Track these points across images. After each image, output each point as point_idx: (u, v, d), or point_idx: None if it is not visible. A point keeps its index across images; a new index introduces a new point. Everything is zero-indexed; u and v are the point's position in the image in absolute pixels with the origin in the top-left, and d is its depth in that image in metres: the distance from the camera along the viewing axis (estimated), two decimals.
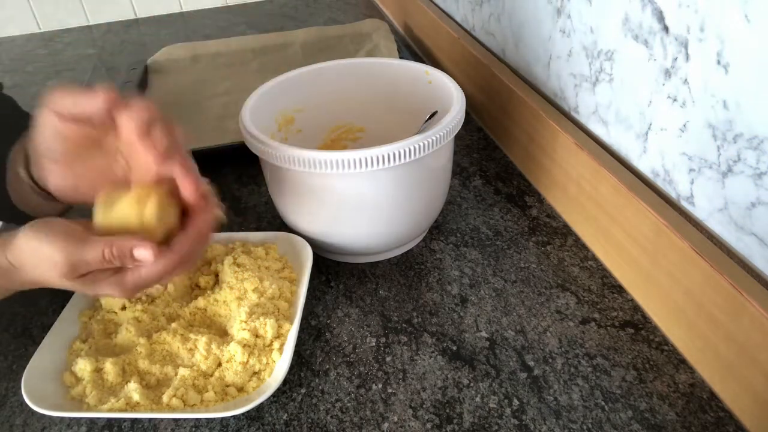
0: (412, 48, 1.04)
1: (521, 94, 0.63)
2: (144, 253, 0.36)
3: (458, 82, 0.54)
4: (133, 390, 0.40)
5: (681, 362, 0.44)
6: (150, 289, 0.48)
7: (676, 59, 0.42)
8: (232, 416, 0.42)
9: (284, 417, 0.42)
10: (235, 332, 0.44)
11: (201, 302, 0.48)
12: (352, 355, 0.46)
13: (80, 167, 0.39)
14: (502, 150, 0.71)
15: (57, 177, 0.39)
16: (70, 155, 0.39)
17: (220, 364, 0.43)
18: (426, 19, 0.95)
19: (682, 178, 0.44)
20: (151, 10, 1.30)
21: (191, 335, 0.44)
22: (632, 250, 0.48)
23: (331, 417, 0.42)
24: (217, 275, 0.51)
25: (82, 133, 0.37)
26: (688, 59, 0.41)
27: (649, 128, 0.47)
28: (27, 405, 0.40)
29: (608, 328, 0.47)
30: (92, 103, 0.35)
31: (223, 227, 0.60)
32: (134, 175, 0.39)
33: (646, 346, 0.45)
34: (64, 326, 0.46)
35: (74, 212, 0.47)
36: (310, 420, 0.41)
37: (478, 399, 0.42)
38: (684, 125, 0.43)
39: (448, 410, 0.41)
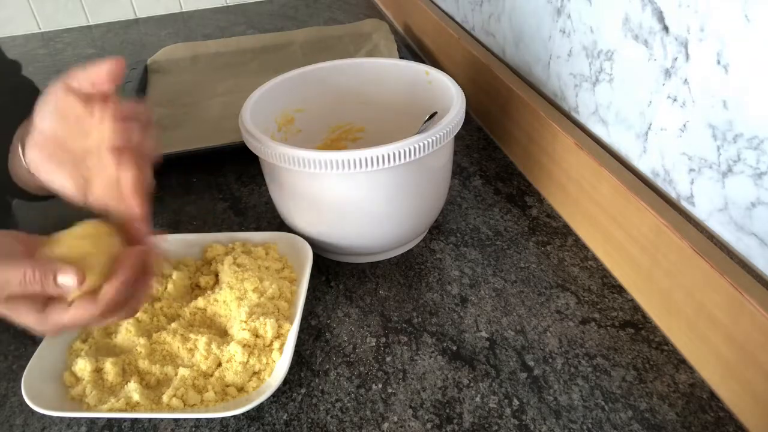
0: (412, 48, 1.04)
1: (521, 94, 0.63)
2: (68, 279, 0.34)
3: (458, 82, 0.54)
4: (133, 390, 0.40)
5: (681, 362, 0.44)
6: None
7: (676, 59, 0.42)
8: (232, 416, 0.42)
9: (284, 417, 0.42)
10: (235, 332, 0.44)
11: (201, 302, 0.48)
12: (352, 355, 0.46)
13: (58, 155, 0.39)
14: (502, 150, 0.71)
15: (37, 159, 0.39)
16: (55, 139, 0.39)
17: (220, 364, 0.43)
18: (426, 19, 0.95)
19: (682, 178, 0.44)
20: (151, 10, 1.30)
21: (191, 335, 0.44)
22: (632, 250, 0.48)
23: (331, 417, 0.42)
24: (217, 275, 0.51)
25: (74, 112, 0.38)
26: (688, 59, 0.41)
27: (649, 128, 0.47)
28: (27, 405, 0.40)
29: (608, 328, 0.47)
30: (101, 68, 0.38)
31: (221, 227, 0.60)
32: (97, 179, 0.39)
33: (646, 346, 0.45)
34: None
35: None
36: (310, 420, 0.41)
37: (478, 399, 0.42)
38: (684, 125, 0.43)
39: (448, 410, 0.41)
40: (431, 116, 0.50)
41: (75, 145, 0.39)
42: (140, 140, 0.38)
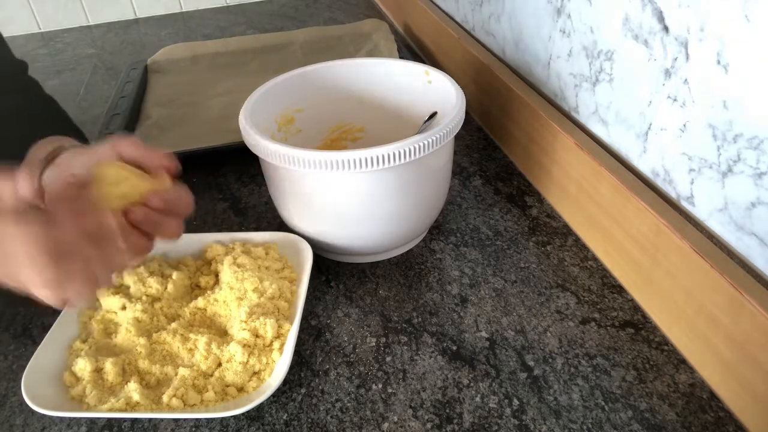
0: (412, 48, 1.04)
1: (521, 94, 0.63)
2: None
3: (458, 82, 0.54)
4: (133, 390, 0.40)
5: (681, 362, 0.44)
6: (150, 289, 0.48)
7: (676, 59, 0.42)
8: (232, 416, 0.42)
9: (284, 417, 0.42)
10: (235, 332, 0.44)
11: (201, 302, 0.48)
12: (352, 355, 0.46)
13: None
14: (502, 150, 0.71)
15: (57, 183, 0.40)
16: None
17: (220, 364, 0.43)
18: (426, 19, 0.95)
19: (682, 178, 0.44)
20: (151, 10, 1.30)
21: (191, 335, 0.44)
22: (632, 250, 0.48)
23: (331, 417, 0.42)
24: (217, 275, 0.51)
25: None
26: (688, 59, 0.41)
27: (649, 128, 0.47)
28: (27, 405, 0.40)
29: (608, 328, 0.47)
30: (155, 155, 0.40)
31: (221, 227, 0.60)
32: None
33: (646, 346, 0.45)
34: (64, 326, 0.46)
35: None
36: (310, 420, 0.41)
37: (478, 399, 0.42)
38: (684, 125, 0.43)
39: (448, 410, 0.41)
40: (431, 116, 0.50)
41: None
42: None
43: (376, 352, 0.46)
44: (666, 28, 0.43)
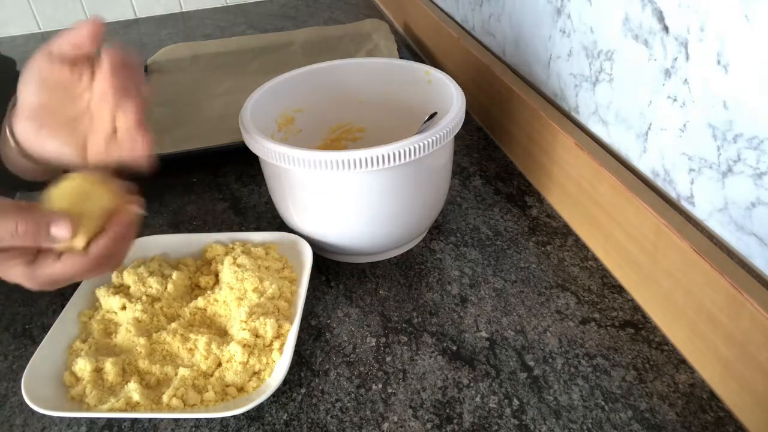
0: (412, 48, 1.04)
1: (521, 94, 0.63)
2: (61, 230, 0.34)
3: (458, 82, 0.54)
4: (133, 390, 0.40)
5: (681, 362, 0.44)
6: (150, 289, 0.48)
7: (676, 59, 0.42)
8: (232, 416, 0.42)
9: (284, 417, 0.42)
10: (235, 332, 0.44)
11: (201, 302, 0.48)
12: (352, 355, 0.46)
13: (50, 122, 0.39)
14: (502, 150, 0.71)
15: (28, 131, 0.39)
16: (44, 108, 0.38)
17: (220, 364, 0.43)
18: (426, 19, 0.95)
19: (682, 178, 0.44)
20: (151, 10, 1.30)
21: (191, 335, 0.44)
22: (632, 250, 0.48)
23: (331, 417, 0.42)
24: (217, 275, 0.51)
25: (61, 78, 0.38)
26: (688, 59, 0.41)
27: (649, 128, 0.47)
28: (27, 405, 0.40)
29: (608, 328, 0.47)
30: (81, 30, 0.38)
31: (221, 227, 0.60)
32: (93, 136, 0.39)
33: (646, 346, 0.45)
34: (64, 326, 0.46)
35: None
36: (310, 420, 0.42)
37: (478, 399, 0.42)
38: (684, 125, 0.43)
39: (448, 410, 0.41)
40: (431, 116, 0.50)
41: (66, 110, 0.39)
42: (135, 82, 0.39)
43: (376, 352, 0.46)
44: (666, 28, 0.43)
